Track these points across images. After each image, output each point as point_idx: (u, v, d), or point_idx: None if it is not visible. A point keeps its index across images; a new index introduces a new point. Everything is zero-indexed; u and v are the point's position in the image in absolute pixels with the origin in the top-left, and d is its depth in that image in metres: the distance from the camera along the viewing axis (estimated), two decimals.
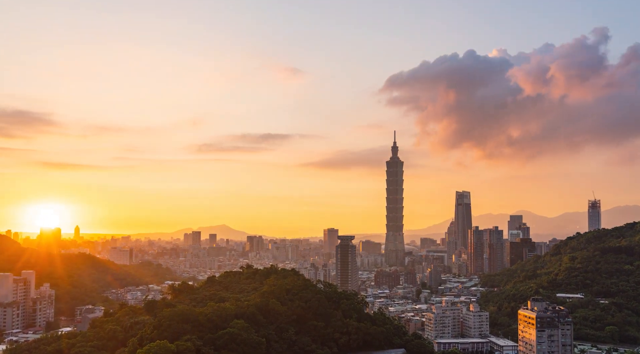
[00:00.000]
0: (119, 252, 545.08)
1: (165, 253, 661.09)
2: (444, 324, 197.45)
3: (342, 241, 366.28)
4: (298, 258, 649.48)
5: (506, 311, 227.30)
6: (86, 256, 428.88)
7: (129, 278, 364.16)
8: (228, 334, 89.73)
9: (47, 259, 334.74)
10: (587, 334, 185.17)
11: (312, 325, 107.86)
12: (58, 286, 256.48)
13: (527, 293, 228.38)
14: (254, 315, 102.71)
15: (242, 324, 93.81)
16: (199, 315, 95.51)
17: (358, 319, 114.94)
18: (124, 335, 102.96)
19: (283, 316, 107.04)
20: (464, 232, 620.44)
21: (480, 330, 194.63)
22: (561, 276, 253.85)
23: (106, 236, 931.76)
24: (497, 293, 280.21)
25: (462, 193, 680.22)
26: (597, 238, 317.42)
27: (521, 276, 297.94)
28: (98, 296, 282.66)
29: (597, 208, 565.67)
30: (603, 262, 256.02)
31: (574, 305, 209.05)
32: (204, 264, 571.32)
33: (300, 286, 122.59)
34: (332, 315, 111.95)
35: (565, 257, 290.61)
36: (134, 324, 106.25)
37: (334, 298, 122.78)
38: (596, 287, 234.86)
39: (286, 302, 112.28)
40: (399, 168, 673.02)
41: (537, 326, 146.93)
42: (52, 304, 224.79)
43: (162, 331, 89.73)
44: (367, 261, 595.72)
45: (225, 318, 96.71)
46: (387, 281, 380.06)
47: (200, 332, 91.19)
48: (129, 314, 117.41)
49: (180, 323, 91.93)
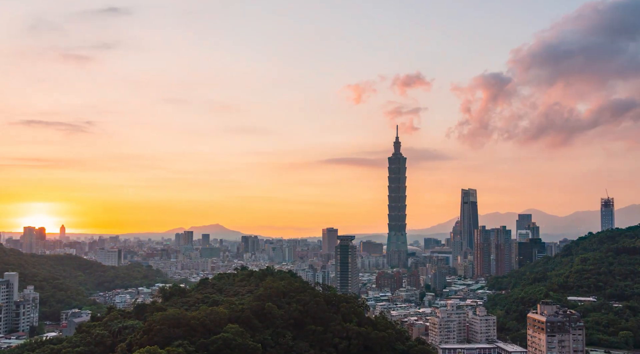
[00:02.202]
0: (106, 253, 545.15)
1: (156, 253, 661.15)
2: (449, 329, 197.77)
3: (342, 241, 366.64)
4: (295, 259, 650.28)
5: (514, 315, 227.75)
6: (72, 257, 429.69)
7: (117, 280, 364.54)
8: (222, 340, 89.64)
9: (31, 260, 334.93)
10: (599, 339, 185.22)
11: (310, 330, 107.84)
12: (43, 289, 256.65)
13: (536, 296, 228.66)
14: (249, 319, 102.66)
15: (237, 329, 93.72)
16: (191, 319, 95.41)
17: (358, 323, 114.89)
18: (112, 340, 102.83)
19: (280, 320, 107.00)
20: (470, 232, 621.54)
21: (487, 335, 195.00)
22: (572, 278, 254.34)
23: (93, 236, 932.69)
24: (505, 296, 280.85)
25: (467, 191, 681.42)
26: (610, 238, 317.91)
27: (530, 279, 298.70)
28: (85, 299, 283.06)
29: (610, 206, 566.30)
30: (617, 263, 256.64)
31: (586, 309, 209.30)
32: (197, 265, 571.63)
33: (298, 289, 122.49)
34: (331, 319, 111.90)
35: (576, 258, 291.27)
36: (122, 329, 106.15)
37: (333, 302, 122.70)
38: (609, 290, 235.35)
39: (283, 305, 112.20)
40: (402, 165, 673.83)
41: (547, 331, 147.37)
42: (36, 307, 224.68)
43: (152, 336, 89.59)
44: (368, 262, 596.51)
45: (218, 322, 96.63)
46: (389, 283, 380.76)
47: (192, 337, 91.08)
48: (117, 318, 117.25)
49: (171, 328, 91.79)
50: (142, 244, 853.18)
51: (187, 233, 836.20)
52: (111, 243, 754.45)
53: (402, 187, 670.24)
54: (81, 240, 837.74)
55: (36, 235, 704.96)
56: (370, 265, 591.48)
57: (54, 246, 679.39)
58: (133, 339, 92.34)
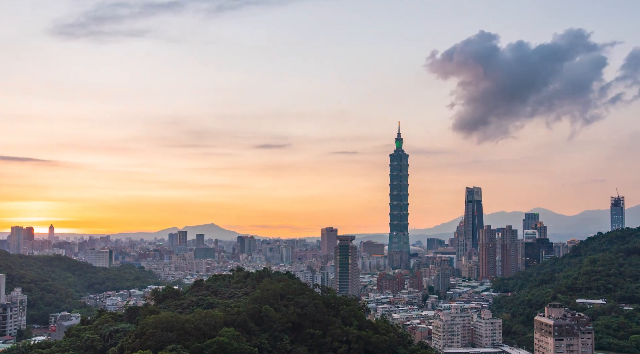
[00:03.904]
0: (97, 253, 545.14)
1: (148, 254, 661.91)
2: (453, 333, 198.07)
3: (342, 241, 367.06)
4: (293, 260, 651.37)
5: (521, 318, 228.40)
6: (62, 257, 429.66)
7: (108, 282, 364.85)
8: (217, 344, 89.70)
9: (18, 261, 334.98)
10: (609, 343, 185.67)
11: (309, 333, 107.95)
12: (31, 291, 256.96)
13: (543, 299, 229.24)
14: (245, 323, 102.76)
15: (232, 333, 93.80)
16: (185, 323, 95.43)
17: (359, 327, 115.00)
18: (102, 345, 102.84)
19: (277, 323, 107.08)
20: (475, 232, 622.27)
21: (493, 339, 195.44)
22: (581, 280, 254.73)
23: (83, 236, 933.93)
24: (511, 298, 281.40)
25: (472, 189, 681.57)
26: (620, 238, 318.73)
27: (537, 280, 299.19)
28: (74, 301, 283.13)
29: (620, 205, 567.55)
30: (627, 265, 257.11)
31: (595, 312, 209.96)
32: (191, 267, 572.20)
33: (296, 291, 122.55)
34: (330, 322, 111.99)
35: (585, 259, 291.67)
36: (113, 332, 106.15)
37: (332, 304, 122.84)
38: (620, 292, 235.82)
39: (280, 308, 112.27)
40: (404, 162, 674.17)
41: (555, 335, 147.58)
42: (24, 310, 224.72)
43: (144, 340, 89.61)
44: (368, 263, 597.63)
45: (213, 325, 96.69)
46: (390, 285, 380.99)
47: (186, 341, 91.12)
48: (108, 321, 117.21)
49: (165, 332, 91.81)
50: (134, 244, 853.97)
51: (181, 233, 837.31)
52: (102, 243, 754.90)
53: (404, 185, 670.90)
54: (71, 240, 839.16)
55: (24, 234, 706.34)
56: (371, 266, 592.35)
57: (42, 246, 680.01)
58: (125, 344, 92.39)
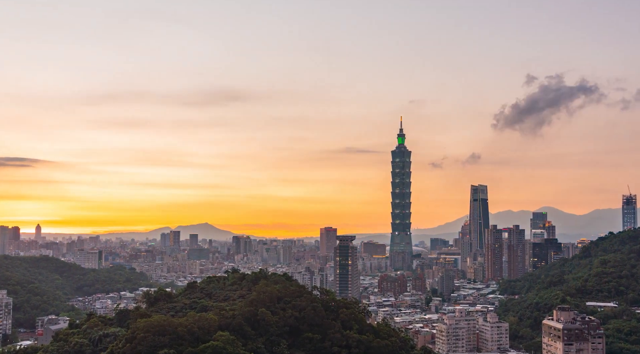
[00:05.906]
0: (86, 254, 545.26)
1: (140, 255, 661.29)
2: (458, 337, 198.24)
3: (342, 242, 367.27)
4: (291, 261, 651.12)
5: (528, 322, 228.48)
6: (49, 258, 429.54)
7: (97, 284, 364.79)
8: (211, 348, 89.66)
9: (3, 262, 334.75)
10: (621, 348, 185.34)
11: (307, 338, 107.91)
12: (16, 294, 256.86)
13: (552, 302, 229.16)
14: (241, 326, 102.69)
15: (227, 337, 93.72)
16: (178, 326, 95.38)
17: (359, 331, 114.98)
18: (92, 349, 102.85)
19: (274, 327, 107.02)
20: (480, 232, 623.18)
21: (499, 343, 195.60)
22: (591, 282, 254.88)
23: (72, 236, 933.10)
24: (518, 301, 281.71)
25: (477, 187, 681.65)
26: (632, 238, 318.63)
27: (545, 282, 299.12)
28: (62, 304, 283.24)
29: (632, 204, 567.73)
30: (639, 266, 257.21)
31: (606, 315, 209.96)
32: (184, 268, 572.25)
33: (294, 294, 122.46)
34: (329, 326, 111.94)
35: (595, 260, 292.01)
36: (103, 336, 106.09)
37: (332, 307, 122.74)
38: (632, 295, 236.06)
39: (277, 311, 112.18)
40: (406, 159, 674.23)
41: (564, 339, 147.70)
42: (9, 314, 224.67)
43: (135, 345, 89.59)
44: (369, 264, 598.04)
45: (207, 329, 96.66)
46: (392, 287, 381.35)
47: (179, 346, 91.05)
48: (97, 325, 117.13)
49: (157, 336, 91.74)
50: (125, 245, 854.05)
51: (174, 233, 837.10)
52: (91, 243, 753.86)
53: (406, 183, 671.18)
54: (58, 241, 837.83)
55: (10, 235, 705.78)
56: (372, 267, 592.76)
57: (29, 247, 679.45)
58: (115, 348, 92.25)
